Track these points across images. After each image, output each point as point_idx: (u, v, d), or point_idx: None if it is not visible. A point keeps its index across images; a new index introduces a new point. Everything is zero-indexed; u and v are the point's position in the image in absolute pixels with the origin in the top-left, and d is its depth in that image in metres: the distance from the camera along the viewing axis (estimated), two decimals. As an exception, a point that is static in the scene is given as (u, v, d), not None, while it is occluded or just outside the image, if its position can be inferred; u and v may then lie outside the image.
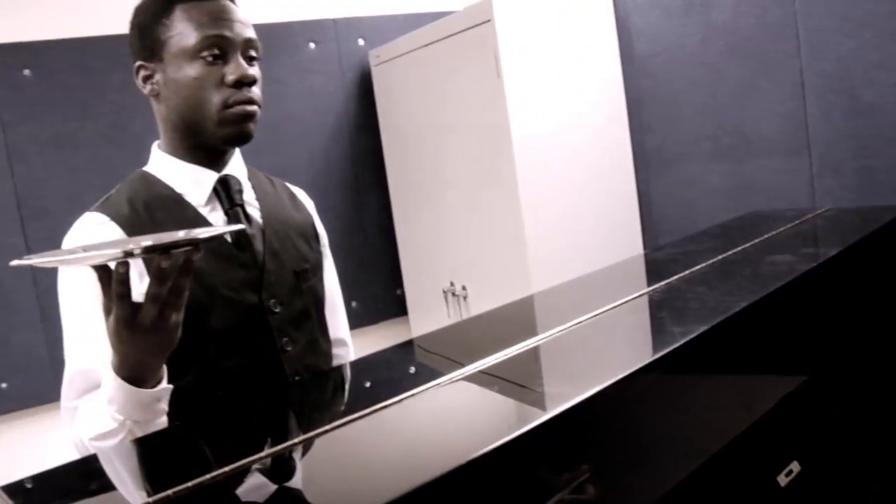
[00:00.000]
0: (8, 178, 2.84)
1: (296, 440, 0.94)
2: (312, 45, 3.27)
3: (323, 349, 1.54)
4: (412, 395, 1.03)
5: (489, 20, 2.54)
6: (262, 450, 0.91)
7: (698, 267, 1.52)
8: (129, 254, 0.98)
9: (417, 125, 3.06)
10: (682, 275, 1.47)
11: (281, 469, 0.89)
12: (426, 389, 1.04)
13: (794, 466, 1.27)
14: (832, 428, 1.41)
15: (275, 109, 3.18)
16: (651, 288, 1.42)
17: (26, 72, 2.85)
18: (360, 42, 3.34)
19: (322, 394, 1.29)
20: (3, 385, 2.88)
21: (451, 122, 2.85)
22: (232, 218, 1.40)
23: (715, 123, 2.48)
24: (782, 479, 1.24)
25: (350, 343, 1.69)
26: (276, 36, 3.19)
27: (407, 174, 3.22)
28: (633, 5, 2.70)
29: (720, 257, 1.59)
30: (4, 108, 2.81)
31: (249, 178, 1.49)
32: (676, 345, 1.09)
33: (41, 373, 2.90)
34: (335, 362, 1.60)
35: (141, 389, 1.13)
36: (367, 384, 1.29)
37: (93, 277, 1.07)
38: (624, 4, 2.73)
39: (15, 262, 1.00)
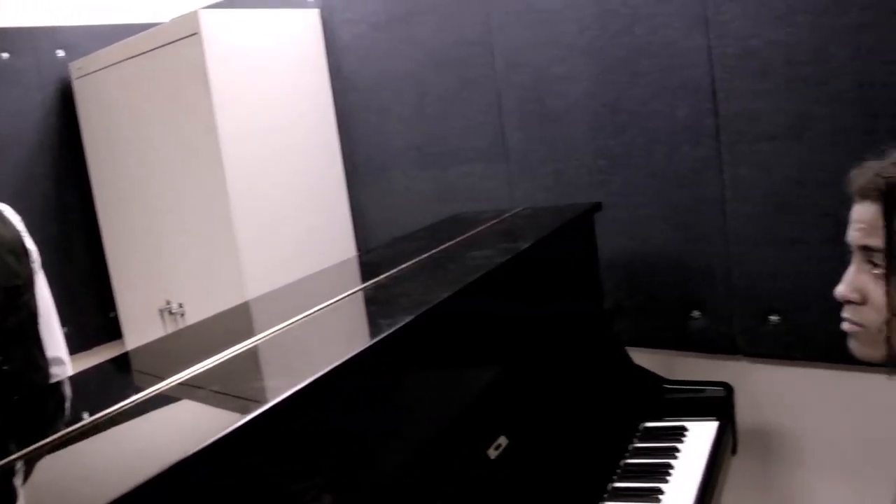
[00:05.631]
0: None
1: None
2: (6, 56, 3.03)
3: (41, 366, 1.50)
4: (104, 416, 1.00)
5: (196, 33, 2.50)
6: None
7: (406, 265, 1.60)
8: None
9: (125, 140, 2.93)
10: (390, 273, 1.54)
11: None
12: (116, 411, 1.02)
13: (503, 440, 1.37)
14: (535, 403, 1.54)
15: (-37, 125, 2.91)
16: (362, 286, 1.48)
17: None
18: (60, 53, 3.14)
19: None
20: None
21: (160, 137, 2.77)
22: None
23: (421, 134, 2.61)
24: (492, 453, 1.34)
25: (68, 362, 1.64)
26: (-39, 45, 2.93)
27: (115, 192, 3.07)
28: (340, 19, 2.77)
29: (426, 255, 1.68)
30: None
31: None
32: (383, 335, 1.14)
33: None
34: (53, 381, 1.55)
35: None
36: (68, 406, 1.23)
37: None
38: (331, 18, 2.80)
39: None
